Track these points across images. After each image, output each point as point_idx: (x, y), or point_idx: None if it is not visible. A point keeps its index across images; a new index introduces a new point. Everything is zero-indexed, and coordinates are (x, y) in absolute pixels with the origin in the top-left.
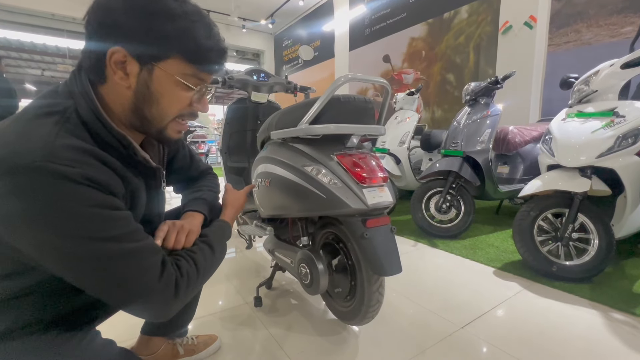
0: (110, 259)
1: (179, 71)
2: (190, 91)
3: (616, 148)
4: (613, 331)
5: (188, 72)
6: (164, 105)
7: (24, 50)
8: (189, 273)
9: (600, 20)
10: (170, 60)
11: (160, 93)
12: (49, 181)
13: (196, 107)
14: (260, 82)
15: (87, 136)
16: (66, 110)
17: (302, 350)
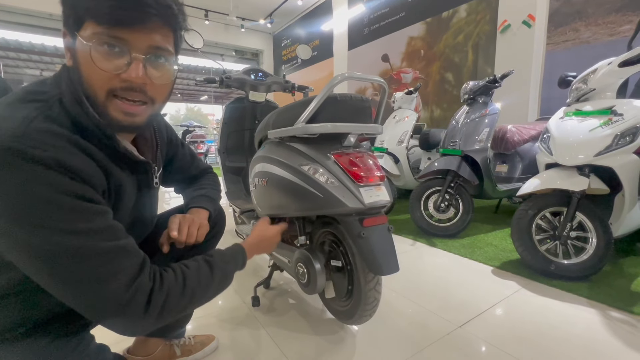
0: (71, 256)
1: (92, 33)
2: (107, 55)
3: (614, 146)
4: (611, 330)
5: (99, 32)
6: (86, 76)
7: (22, 51)
8: (170, 290)
9: (599, 19)
10: (86, 24)
11: (81, 64)
12: (16, 162)
13: (122, 76)
14: (258, 82)
15: (69, 125)
16: (50, 98)
17: (300, 350)
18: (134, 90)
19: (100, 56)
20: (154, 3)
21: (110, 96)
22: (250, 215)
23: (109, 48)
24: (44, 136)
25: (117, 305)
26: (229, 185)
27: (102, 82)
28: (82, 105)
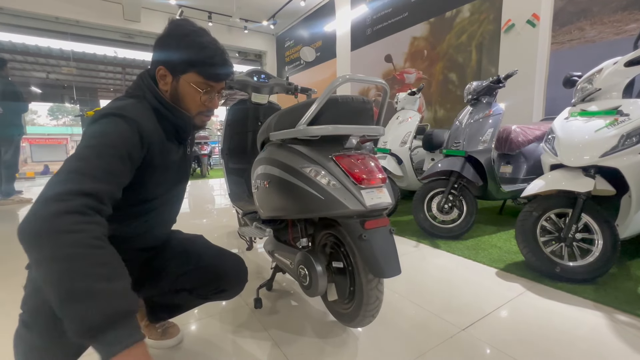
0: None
1: (194, 81)
2: (200, 93)
3: (620, 147)
4: (618, 333)
5: (200, 81)
6: (186, 102)
7: (29, 54)
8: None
9: (604, 18)
10: (189, 74)
11: (183, 94)
12: (114, 118)
13: (207, 104)
14: (261, 84)
15: (150, 108)
16: (138, 96)
17: (302, 352)
18: (211, 111)
19: (199, 94)
20: (229, 69)
21: (197, 114)
22: (253, 217)
23: (205, 90)
24: (133, 109)
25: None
26: (231, 186)
27: (196, 106)
28: (161, 101)
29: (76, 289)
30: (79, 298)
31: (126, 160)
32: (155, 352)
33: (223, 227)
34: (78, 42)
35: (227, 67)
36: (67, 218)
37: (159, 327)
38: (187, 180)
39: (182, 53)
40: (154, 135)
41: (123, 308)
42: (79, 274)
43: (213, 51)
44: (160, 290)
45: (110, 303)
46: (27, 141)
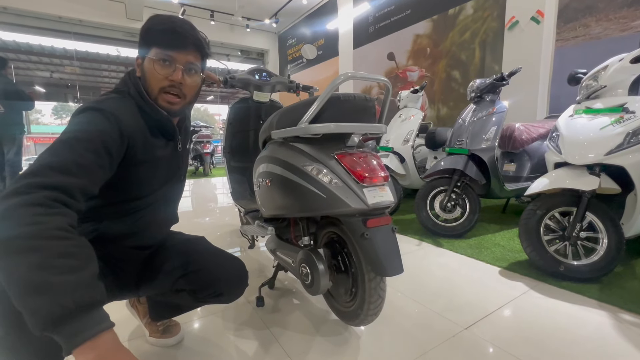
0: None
1: (152, 55)
2: (162, 66)
3: (626, 145)
4: (622, 333)
5: (157, 52)
6: (149, 81)
7: (32, 53)
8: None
9: (610, 14)
10: (149, 50)
11: (146, 73)
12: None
13: (170, 78)
14: (263, 82)
15: (133, 103)
16: (123, 92)
17: (304, 350)
18: (174, 87)
19: (158, 66)
20: (192, 37)
21: (161, 92)
22: (255, 216)
23: (163, 62)
24: (112, 103)
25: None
26: (233, 185)
27: (157, 82)
28: (141, 95)
29: (33, 282)
30: (37, 291)
31: (102, 154)
32: (156, 350)
33: (225, 225)
34: (81, 41)
35: (187, 35)
36: (25, 210)
37: (160, 325)
38: (180, 177)
39: (144, 34)
40: (135, 130)
41: (84, 299)
42: (35, 267)
43: (171, 21)
44: (160, 289)
45: (69, 295)
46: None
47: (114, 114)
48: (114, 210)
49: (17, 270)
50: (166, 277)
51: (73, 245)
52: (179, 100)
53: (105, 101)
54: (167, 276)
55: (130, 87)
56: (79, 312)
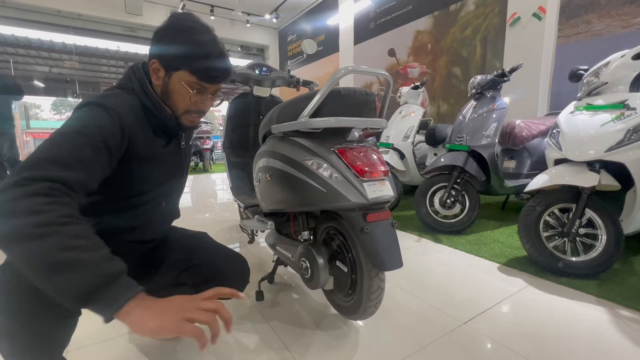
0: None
1: (186, 79)
2: (191, 93)
3: (626, 141)
4: (620, 328)
5: (192, 81)
6: (174, 99)
7: (31, 47)
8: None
9: (612, 11)
10: (181, 71)
11: (172, 91)
12: (93, 107)
13: (198, 105)
14: (263, 77)
15: (137, 100)
16: (126, 88)
17: (303, 344)
18: (201, 112)
19: (190, 94)
20: (225, 72)
21: (186, 113)
22: (255, 210)
23: (196, 90)
24: (115, 99)
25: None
26: (233, 180)
27: (185, 105)
28: (147, 93)
29: (59, 262)
30: (66, 269)
31: (102, 149)
32: (155, 343)
33: (225, 221)
34: (80, 35)
35: (224, 69)
36: (31, 199)
37: None
38: (182, 174)
39: (177, 49)
40: (137, 128)
41: (113, 270)
42: (57, 249)
43: (209, 51)
44: (161, 283)
45: (98, 268)
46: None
47: (116, 110)
48: (115, 206)
49: (39, 254)
50: (168, 270)
51: (84, 229)
52: (200, 117)
53: (108, 97)
54: (169, 270)
55: (135, 83)
56: (111, 281)
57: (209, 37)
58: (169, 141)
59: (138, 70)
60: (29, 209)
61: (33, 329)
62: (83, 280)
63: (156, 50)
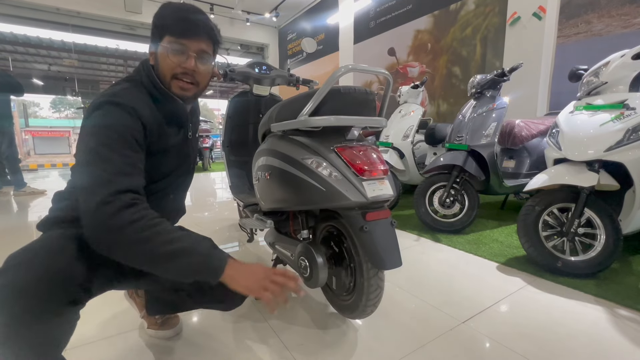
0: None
1: (166, 43)
2: (175, 54)
3: (625, 141)
4: (618, 328)
5: (171, 40)
6: (161, 68)
7: (30, 45)
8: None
9: (612, 10)
10: (164, 39)
11: (159, 61)
12: (107, 106)
13: (182, 66)
14: (262, 75)
15: (146, 93)
16: (135, 79)
17: (301, 342)
18: (187, 74)
19: (171, 54)
20: (205, 26)
21: (174, 79)
22: (254, 209)
23: (176, 49)
24: (127, 94)
25: (95, 201)
26: (233, 179)
27: (170, 69)
28: (154, 83)
29: (171, 253)
30: (178, 255)
31: (136, 147)
32: (154, 342)
33: (224, 220)
34: (80, 33)
35: (199, 24)
36: (123, 213)
37: (158, 318)
38: (189, 166)
39: (157, 22)
40: (151, 121)
41: (208, 248)
42: (165, 245)
43: (184, 9)
44: (161, 285)
45: (199, 249)
46: (30, 134)
47: (132, 107)
48: None
49: (153, 251)
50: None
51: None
52: (192, 86)
53: (119, 93)
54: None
55: (143, 75)
56: (210, 256)
57: (185, 4)
58: (178, 131)
59: (146, 64)
60: (129, 220)
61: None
62: (194, 260)
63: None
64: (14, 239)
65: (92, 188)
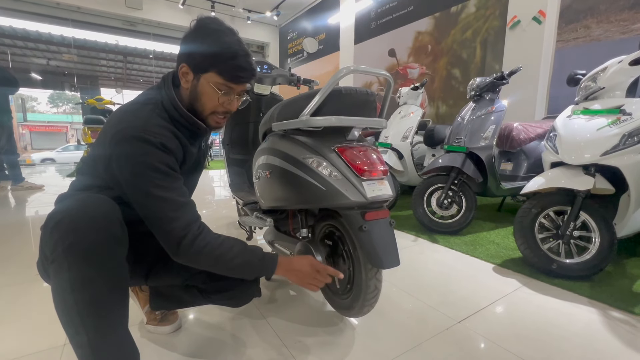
0: (157, 200)
1: (214, 81)
2: (218, 94)
3: (621, 146)
4: (611, 329)
5: (219, 82)
6: (203, 101)
7: (29, 39)
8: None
9: (611, 16)
10: (209, 73)
11: (201, 93)
12: (141, 144)
13: (225, 106)
14: (263, 74)
15: (167, 118)
16: (157, 102)
17: (300, 340)
18: (228, 113)
19: (218, 94)
20: (251, 72)
21: (212, 114)
22: (253, 207)
23: (224, 91)
24: (155, 128)
25: (175, 237)
26: (232, 177)
27: (212, 107)
28: (177, 109)
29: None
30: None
31: (177, 175)
32: (153, 337)
33: (223, 217)
34: (79, 28)
35: (250, 70)
36: (196, 243)
37: (158, 314)
38: (200, 170)
39: (205, 51)
40: (178, 150)
41: (261, 257)
42: (231, 260)
43: (236, 52)
44: (172, 281)
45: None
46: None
47: (161, 142)
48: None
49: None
50: (179, 272)
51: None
52: (226, 119)
53: (147, 128)
54: (180, 271)
55: (165, 98)
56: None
57: (234, 39)
58: (199, 146)
59: (167, 84)
60: (202, 246)
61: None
62: (253, 269)
63: (185, 54)
64: (12, 234)
65: (165, 228)
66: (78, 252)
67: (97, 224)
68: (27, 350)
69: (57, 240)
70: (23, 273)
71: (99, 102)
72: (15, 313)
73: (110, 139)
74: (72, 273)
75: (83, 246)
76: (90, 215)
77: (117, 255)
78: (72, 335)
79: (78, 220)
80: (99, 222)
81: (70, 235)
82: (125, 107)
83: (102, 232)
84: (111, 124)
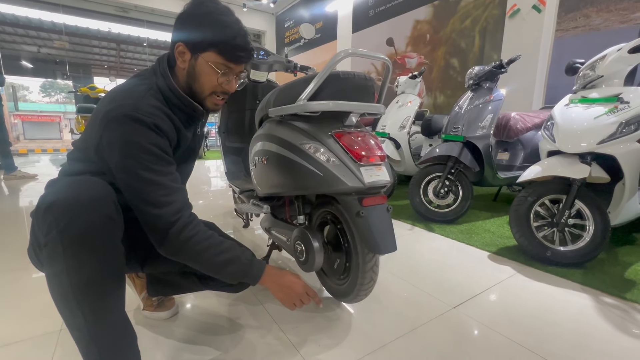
0: (145, 183)
1: (212, 60)
2: (218, 74)
3: (618, 134)
4: (603, 314)
5: (219, 61)
6: (202, 81)
7: (18, 25)
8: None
9: (611, 5)
10: (208, 52)
11: (199, 73)
12: (132, 123)
13: (224, 86)
14: (260, 61)
15: (162, 99)
16: (151, 82)
17: (297, 325)
18: (226, 93)
19: (217, 74)
20: (250, 52)
21: (211, 94)
22: (250, 195)
23: (223, 71)
24: (149, 108)
25: (165, 223)
26: (229, 165)
27: (211, 87)
28: (173, 90)
29: (222, 262)
30: (227, 264)
31: (170, 159)
32: (150, 323)
33: (219, 207)
34: (70, 15)
35: (248, 50)
36: (185, 231)
37: (155, 300)
38: (195, 157)
39: (203, 31)
40: (172, 132)
41: (249, 257)
42: (216, 255)
43: (235, 31)
44: (168, 268)
45: (245, 257)
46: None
47: (155, 123)
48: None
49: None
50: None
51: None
52: (224, 100)
53: (140, 107)
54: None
55: (159, 79)
56: (251, 264)
57: (233, 19)
58: (192, 130)
59: (162, 65)
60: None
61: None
62: (239, 269)
63: (181, 33)
64: (4, 223)
65: (155, 212)
66: (73, 234)
67: (92, 206)
68: (22, 336)
69: (51, 223)
70: (16, 260)
71: (92, 90)
72: (9, 300)
73: (101, 119)
74: (67, 255)
75: (78, 228)
76: (84, 196)
77: (113, 237)
78: (68, 318)
79: (72, 202)
80: (94, 203)
81: (65, 216)
82: (118, 87)
83: (98, 214)
84: (104, 104)
